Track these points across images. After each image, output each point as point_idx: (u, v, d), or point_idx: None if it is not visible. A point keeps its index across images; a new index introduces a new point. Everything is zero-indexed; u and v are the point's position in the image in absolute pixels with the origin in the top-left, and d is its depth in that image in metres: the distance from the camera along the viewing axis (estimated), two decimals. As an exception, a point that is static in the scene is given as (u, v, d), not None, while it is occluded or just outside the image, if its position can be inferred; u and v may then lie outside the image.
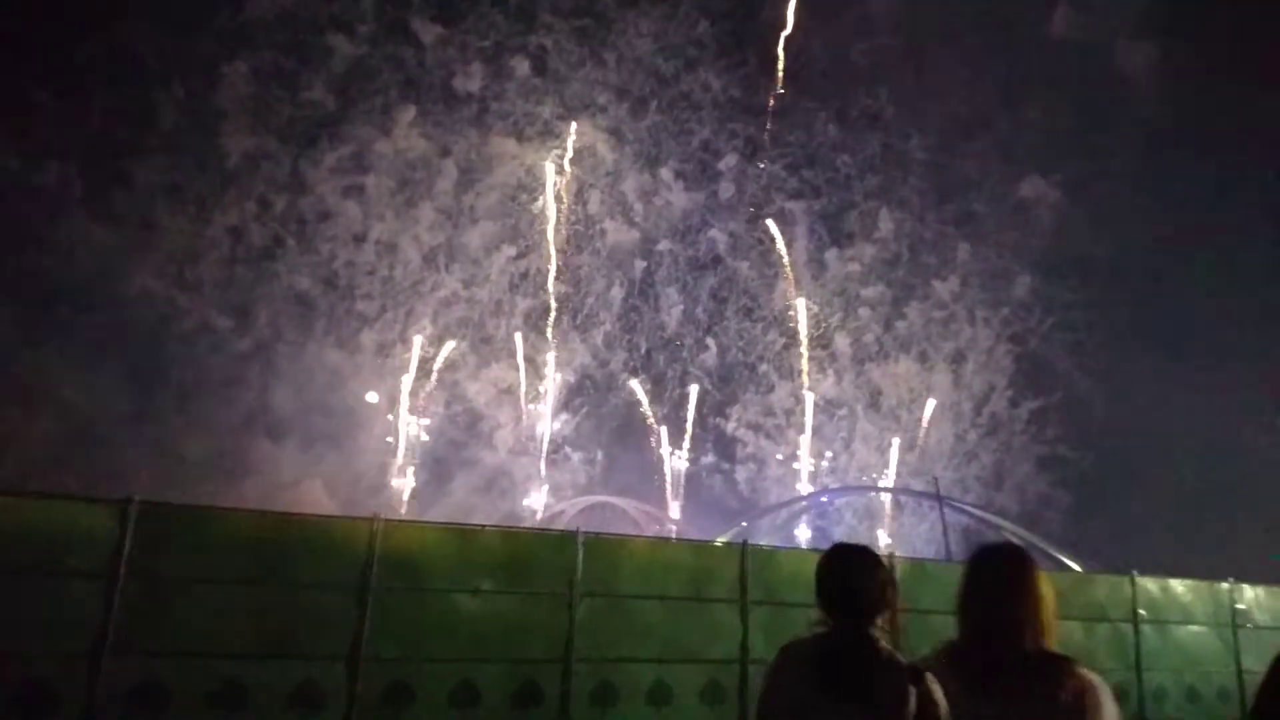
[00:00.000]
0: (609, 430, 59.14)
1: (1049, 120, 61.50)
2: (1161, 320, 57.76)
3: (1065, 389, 60.16)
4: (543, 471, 55.82)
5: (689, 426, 59.23)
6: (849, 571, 3.46)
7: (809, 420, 59.82)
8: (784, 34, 60.98)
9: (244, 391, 48.91)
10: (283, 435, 48.58)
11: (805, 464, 59.55)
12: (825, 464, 60.53)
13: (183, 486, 32.56)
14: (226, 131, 51.84)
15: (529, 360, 57.40)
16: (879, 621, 3.41)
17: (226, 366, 49.74)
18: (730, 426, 60.15)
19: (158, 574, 9.14)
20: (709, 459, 59.54)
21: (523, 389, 56.07)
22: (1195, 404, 52.41)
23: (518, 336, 56.39)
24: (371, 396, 53.58)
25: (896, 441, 59.90)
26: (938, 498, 43.24)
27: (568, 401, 57.19)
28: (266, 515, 10.10)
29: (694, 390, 59.92)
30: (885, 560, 3.47)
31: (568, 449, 56.74)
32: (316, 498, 43.70)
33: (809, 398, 60.27)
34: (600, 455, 57.40)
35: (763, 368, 61.61)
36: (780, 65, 61.49)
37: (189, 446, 44.72)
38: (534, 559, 11.09)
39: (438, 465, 54.15)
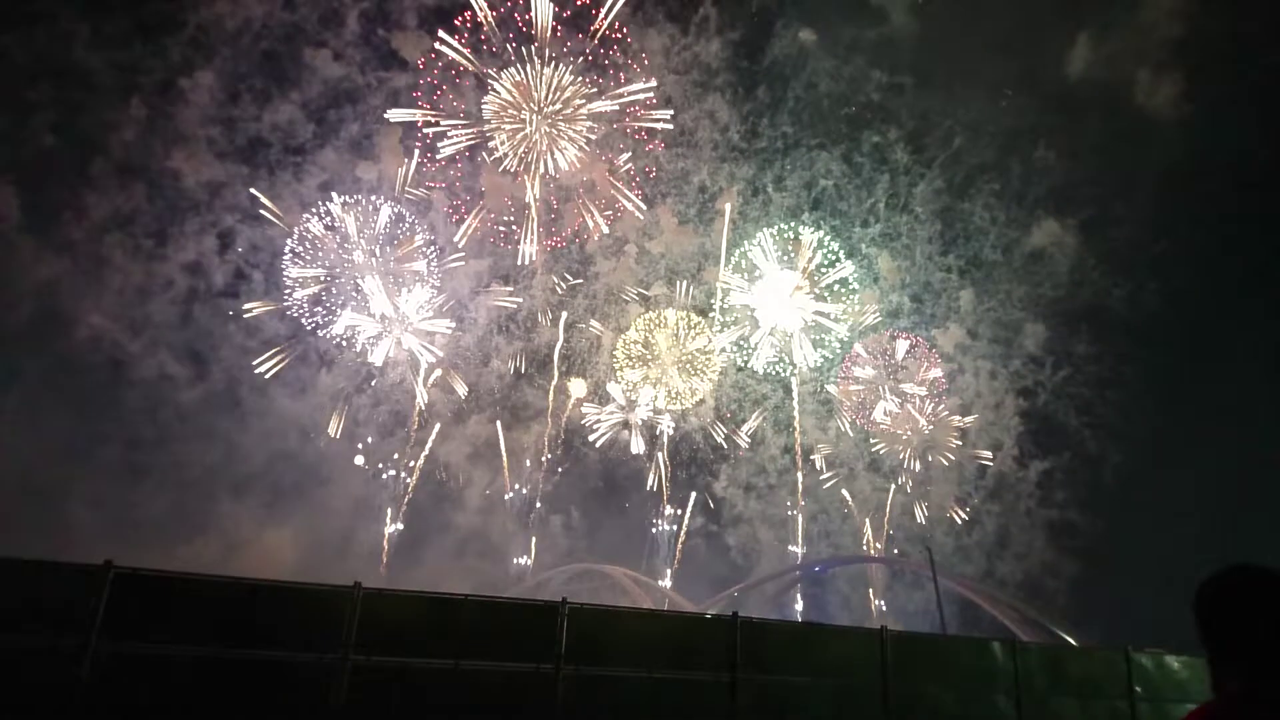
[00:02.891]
0: (587, 490, 59.42)
1: (1065, 161, 61.98)
2: (1182, 375, 57.16)
3: (1075, 449, 60.60)
4: (532, 536, 56.00)
5: (693, 492, 59.80)
6: (1263, 606, 2.63)
7: (800, 481, 60.57)
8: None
9: (203, 443, 48.43)
10: (245, 490, 48.17)
11: (799, 528, 60.06)
12: (818, 528, 61.11)
13: (138, 544, 32.41)
14: (184, 156, 52.12)
15: (512, 413, 57.94)
16: None
17: (184, 416, 49.44)
18: (721, 486, 60.68)
19: (132, 641, 9.42)
20: (698, 522, 59.90)
21: (503, 447, 56.55)
22: (1215, 466, 52.73)
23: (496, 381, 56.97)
24: (358, 460, 53.85)
25: (890, 504, 60.73)
26: (931, 568, 43.79)
27: (550, 459, 57.48)
28: (244, 583, 10.54)
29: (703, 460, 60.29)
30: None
31: (541, 509, 56.81)
32: (284, 556, 43.29)
33: (802, 455, 61.12)
34: (578, 516, 57.57)
35: (757, 423, 62.47)
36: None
37: (144, 502, 44.14)
38: (517, 630, 11.48)
39: (414, 526, 54.07)
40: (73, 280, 49.69)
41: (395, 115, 55.96)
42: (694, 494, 60.70)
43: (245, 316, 53.19)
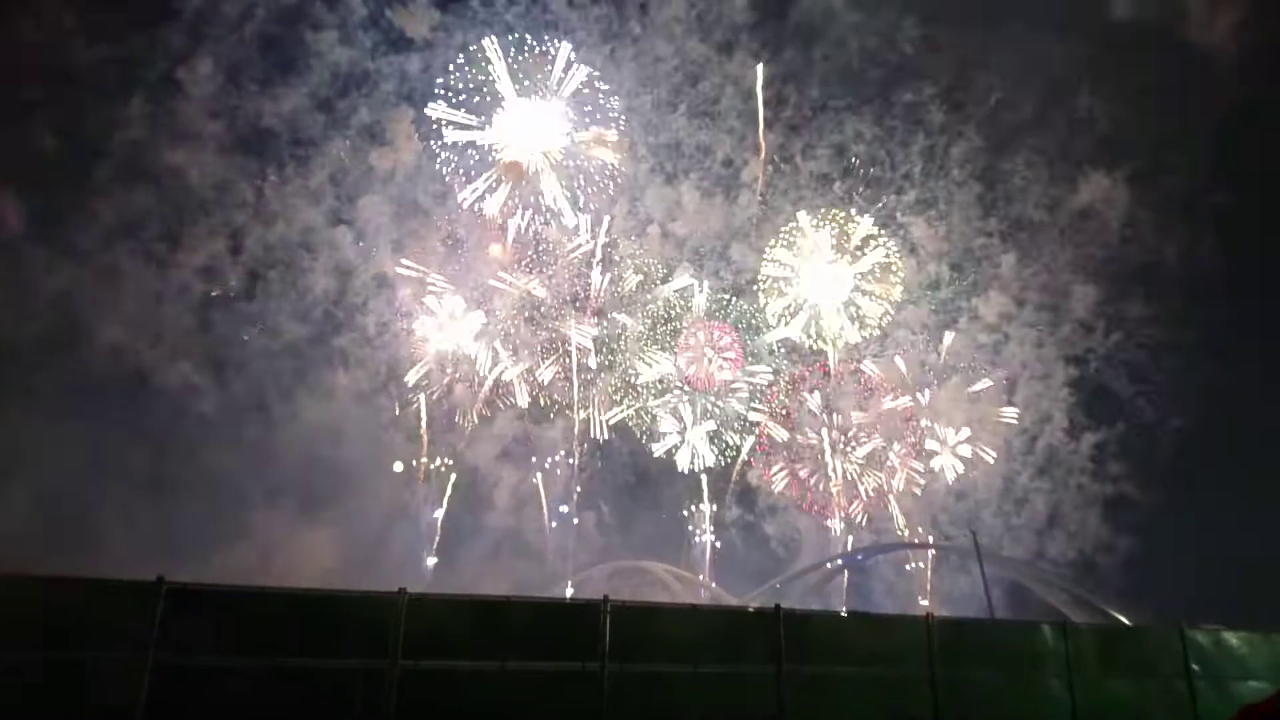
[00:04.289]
0: (619, 485, 59.66)
1: (1112, 109, 59.18)
2: (1244, 335, 55.00)
3: (1130, 418, 57.96)
4: (573, 534, 56.65)
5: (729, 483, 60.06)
6: None
7: (837, 467, 60.51)
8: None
9: (230, 450, 49.52)
10: (277, 497, 48.88)
11: (837, 519, 60.00)
12: (859, 516, 60.93)
13: (173, 556, 33.20)
14: (188, 153, 52.40)
15: (541, 407, 58.31)
16: None
17: (209, 424, 50.38)
18: (757, 476, 60.67)
19: (187, 654, 10.00)
20: (734, 513, 59.97)
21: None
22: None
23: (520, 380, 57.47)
24: (396, 466, 54.82)
25: (940, 484, 60.51)
26: (977, 552, 43.66)
27: (582, 455, 57.85)
28: (292, 593, 11.13)
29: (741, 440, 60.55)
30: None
31: (563, 506, 57.16)
32: (320, 560, 44.06)
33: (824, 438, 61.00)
34: (607, 512, 57.81)
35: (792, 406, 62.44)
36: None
37: (176, 513, 45.10)
38: (560, 629, 11.93)
39: (451, 529, 54.76)
40: (86, 289, 50.23)
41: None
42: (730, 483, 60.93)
43: (260, 326, 53.87)
